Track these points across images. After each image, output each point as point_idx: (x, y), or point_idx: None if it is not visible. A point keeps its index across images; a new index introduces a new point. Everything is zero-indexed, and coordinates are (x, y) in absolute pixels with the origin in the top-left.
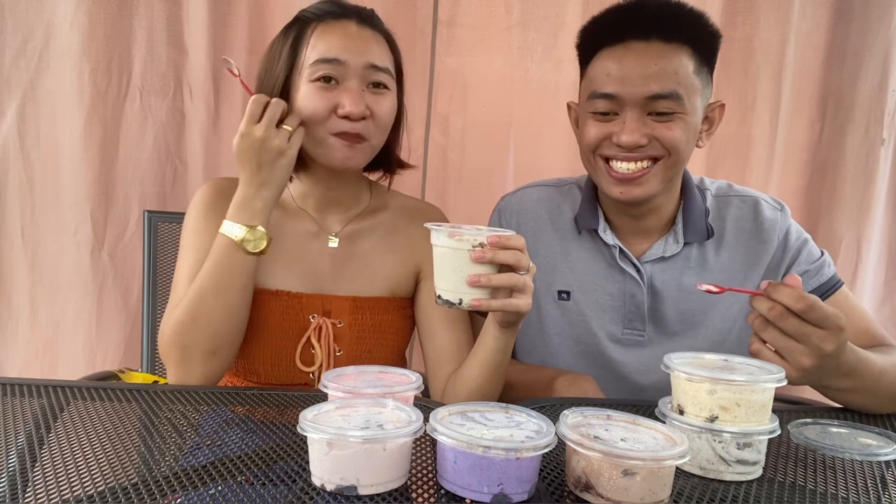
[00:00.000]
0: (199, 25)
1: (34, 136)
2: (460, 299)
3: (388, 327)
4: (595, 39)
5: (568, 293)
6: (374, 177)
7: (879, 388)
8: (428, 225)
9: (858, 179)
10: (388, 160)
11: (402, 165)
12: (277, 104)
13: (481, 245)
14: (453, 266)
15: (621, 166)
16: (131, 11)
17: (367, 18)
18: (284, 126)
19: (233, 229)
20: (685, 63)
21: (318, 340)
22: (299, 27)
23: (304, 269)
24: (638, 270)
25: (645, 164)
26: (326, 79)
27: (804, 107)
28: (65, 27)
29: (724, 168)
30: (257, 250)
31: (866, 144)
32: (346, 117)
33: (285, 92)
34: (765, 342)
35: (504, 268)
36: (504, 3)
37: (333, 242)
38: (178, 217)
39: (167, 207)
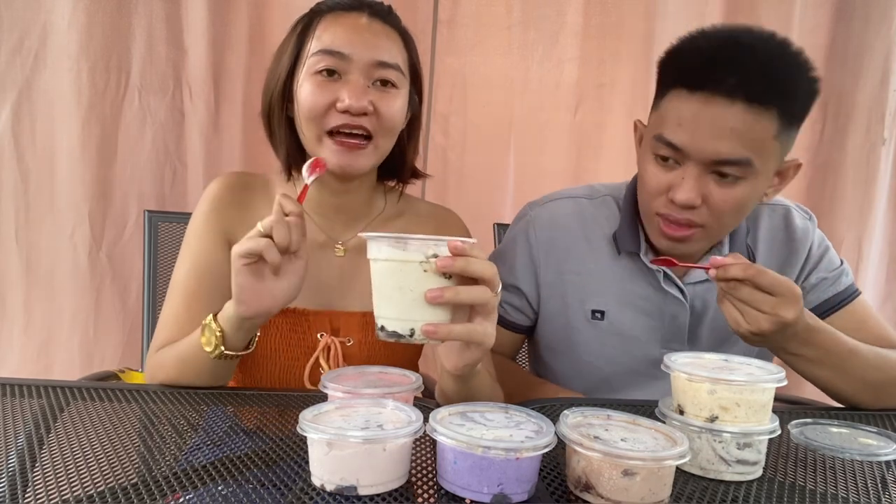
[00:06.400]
0: (199, 24)
1: (29, 135)
2: (412, 329)
3: (399, 345)
4: (675, 71)
5: (602, 313)
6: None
7: (847, 366)
8: (363, 234)
9: (859, 179)
10: (401, 168)
11: (417, 175)
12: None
13: (435, 256)
14: (400, 284)
15: (671, 230)
16: (130, 10)
17: (381, 13)
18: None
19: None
20: (767, 127)
21: (328, 360)
22: (308, 18)
23: (310, 283)
24: (682, 291)
25: (690, 230)
26: (329, 71)
27: None
28: (62, 26)
29: None
30: (214, 355)
31: (867, 144)
32: (345, 112)
33: (289, 86)
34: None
35: (466, 284)
36: (504, 3)
37: (339, 252)
38: (179, 217)
39: (166, 207)
